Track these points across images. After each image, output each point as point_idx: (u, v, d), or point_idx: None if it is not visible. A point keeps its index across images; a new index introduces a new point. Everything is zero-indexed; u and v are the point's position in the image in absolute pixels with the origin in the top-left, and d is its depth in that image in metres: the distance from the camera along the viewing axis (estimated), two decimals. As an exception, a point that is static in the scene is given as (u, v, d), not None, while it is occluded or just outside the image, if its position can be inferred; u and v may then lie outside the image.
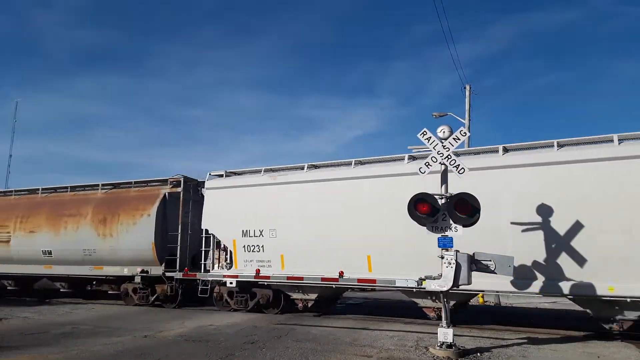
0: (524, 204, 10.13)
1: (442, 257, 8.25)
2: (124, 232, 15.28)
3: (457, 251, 8.23)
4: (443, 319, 8.29)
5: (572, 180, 9.93)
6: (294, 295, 13.22)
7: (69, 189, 17.58)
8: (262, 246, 13.27)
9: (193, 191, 15.71)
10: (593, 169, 9.81)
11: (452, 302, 10.16)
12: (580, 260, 9.62)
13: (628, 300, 9.32)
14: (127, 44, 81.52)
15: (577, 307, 10.55)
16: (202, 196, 15.00)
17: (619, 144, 9.85)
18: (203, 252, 14.58)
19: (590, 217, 9.58)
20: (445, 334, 8.15)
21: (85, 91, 78.12)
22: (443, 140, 8.56)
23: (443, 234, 8.36)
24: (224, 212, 14.02)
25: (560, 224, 9.76)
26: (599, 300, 9.64)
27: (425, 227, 8.56)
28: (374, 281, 11.75)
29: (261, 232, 13.28)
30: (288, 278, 12.77)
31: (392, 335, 9.89)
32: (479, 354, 8.18)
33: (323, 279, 12.38)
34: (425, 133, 8.73)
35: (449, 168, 8.53)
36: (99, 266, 15.79)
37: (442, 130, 8.59)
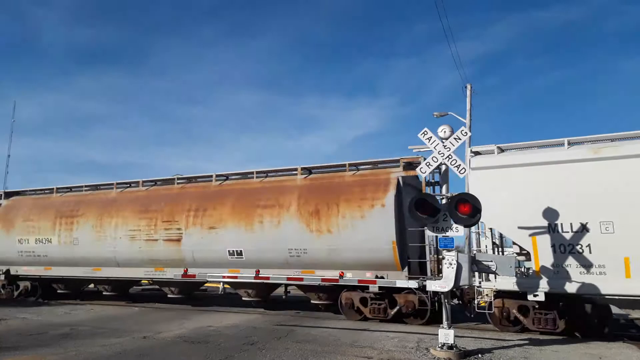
0: None
1: (443, 258, 8.22)
2: (348, 227, 12.22)
3: (458, 252, 8.19)
4: (444, 319, 8.23)
5: None
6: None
7: (254, 175, 14.63)
8: (588, 246, 9.93)
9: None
10: None
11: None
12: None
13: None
14: (127, 42, 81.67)
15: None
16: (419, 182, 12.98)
17: None
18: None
19: None
20: (446, 335, 8.10)
21: (85, 90, 78.35)
22: (444, 140, 8.54)
23: (444, 235, 8.32)
24: (512, 199, 10.57)
25: None
26: None
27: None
28: (374, 282, 11.69)
29: (584, 226, 9.91)
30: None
31: (393, 337, 9.84)
32: (480, 355, 8.12)
33: (323, 280, 12.30)
34: (426, 133, 8.71)
35: (449, 168, 8.50)
36: (309, 270, 12.79)
37: (443, 130, 8.57)
